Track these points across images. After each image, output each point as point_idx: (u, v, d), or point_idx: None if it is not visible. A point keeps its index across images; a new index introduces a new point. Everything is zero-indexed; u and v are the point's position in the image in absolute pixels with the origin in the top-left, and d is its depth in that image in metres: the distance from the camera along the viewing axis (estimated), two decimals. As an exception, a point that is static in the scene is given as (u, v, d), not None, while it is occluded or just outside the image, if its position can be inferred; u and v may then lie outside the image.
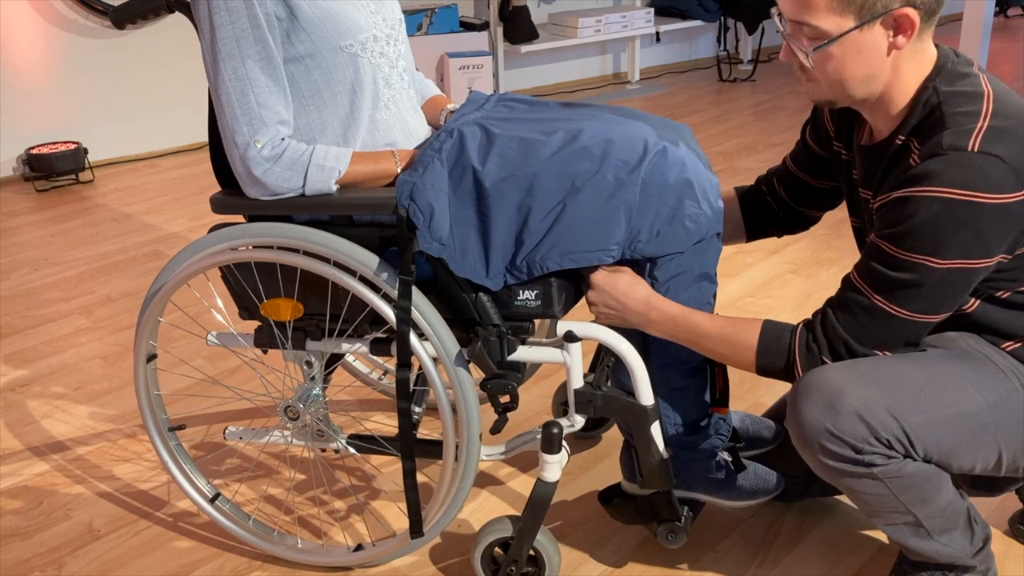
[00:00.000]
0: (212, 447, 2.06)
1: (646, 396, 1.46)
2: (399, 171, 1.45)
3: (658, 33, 5.66)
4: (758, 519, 1.76)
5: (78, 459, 2.04)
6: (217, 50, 1.37)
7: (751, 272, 2.87)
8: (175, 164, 4.24)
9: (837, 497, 1.80)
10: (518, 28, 4.81)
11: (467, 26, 4.68)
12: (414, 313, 1.43)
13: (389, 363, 2.21)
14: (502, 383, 1.45)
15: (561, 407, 2.00)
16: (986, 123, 1.24)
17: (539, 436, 1.50)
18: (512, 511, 1.82)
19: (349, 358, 2.15)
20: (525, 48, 4.84)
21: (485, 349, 1.44)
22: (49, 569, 1.71)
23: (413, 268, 1.40)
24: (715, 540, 1.71)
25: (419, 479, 1.91)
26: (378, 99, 1.49)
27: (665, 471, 1.50)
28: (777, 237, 1.71)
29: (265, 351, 1.62)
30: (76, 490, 1.93)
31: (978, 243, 1.24)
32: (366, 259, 1.43)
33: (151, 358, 1.62)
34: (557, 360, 1.47)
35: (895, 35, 1.26)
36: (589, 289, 1.47)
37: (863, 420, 1.28)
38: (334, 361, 1.74)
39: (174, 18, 4.23)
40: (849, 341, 1.32)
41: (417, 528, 1.53)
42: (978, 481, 1.58)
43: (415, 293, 1.44)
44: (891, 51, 1.28)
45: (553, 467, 1.48)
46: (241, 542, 1.75)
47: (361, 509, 1.85)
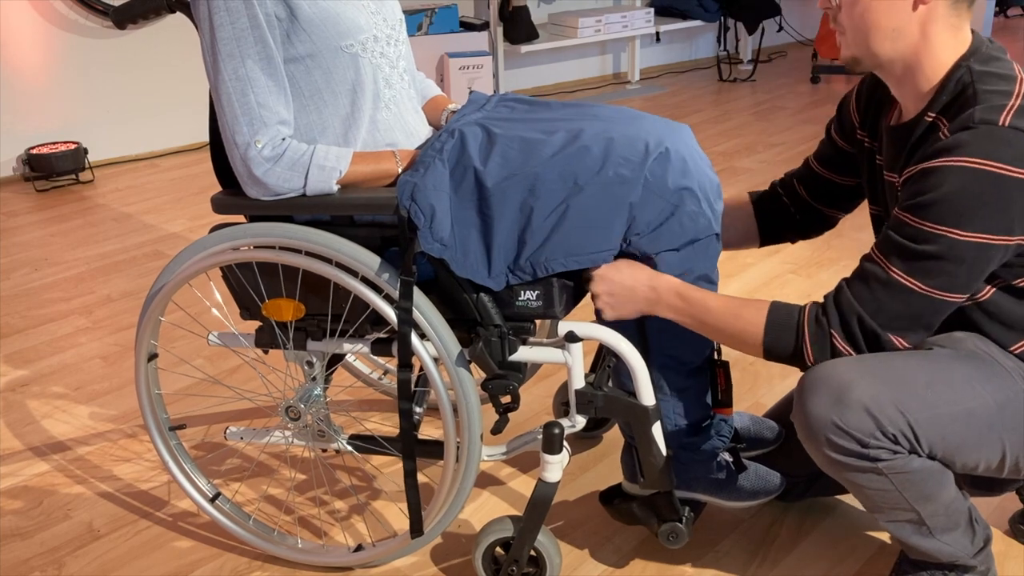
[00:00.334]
0: (212, 447, 2.06)
1: (647, 396, 1.46)
2: (400, 171, 1.45)
3: (658, 33, 5.66)
4: (758, 519, 1.76)
5: (78, 459, 2.04)
6: (217, 50, 1.37)
7: (751, 272, 2.87)
8: (175, 164, 4.24)
9: (837, 497, 1.80)
10: (518, 28, 4.81)
11: (467, 26, 4.68)
12: (415, 313, 1.43)
13: (390, 363, 2.21)
14: (503, 383, 1.45)
15: (562, 407, 2.00)
16: (1018, 101, 1.25)
17: (540, 436, 1.49)
18: (513, 511, 1.82)
19: (350, 358, 2.15)
20: (525, 48, 4.84)
21: (486, 349, 1.44)
22: (49, 569, 1.71)
23: (414, 268, 1.40)
24: (715, 540, 1.71)
25: (420, 479, 1.91)
26: (379, 99, 1.49)
27: (666, 471, 1.50)
28: (791, 243, 1.70)
29: (266, 351, 1.62)
30: (76, 490, 1.93)
31: (1002, 218, 1.23)
32: (367, 259, 1.43)
33: (152, 357, 1.62)
34: (558, 360, 1.47)
35: None
36: (591, 283, 1.45)
37: (870, 414, 1.28)
38: (335, 361, 1.74)
39: (174, 18, 4.22)
40: (863, 316, 1.30)
41: (417, 528, 1.53)
42: (979, 481, 1.58)
43: (416, 293, 1.44)
44: (917, 5, 1.28)
45: (554, 467, 1.48)
46: (241, 542, 1.75)
47: (361, 509, 1.85)
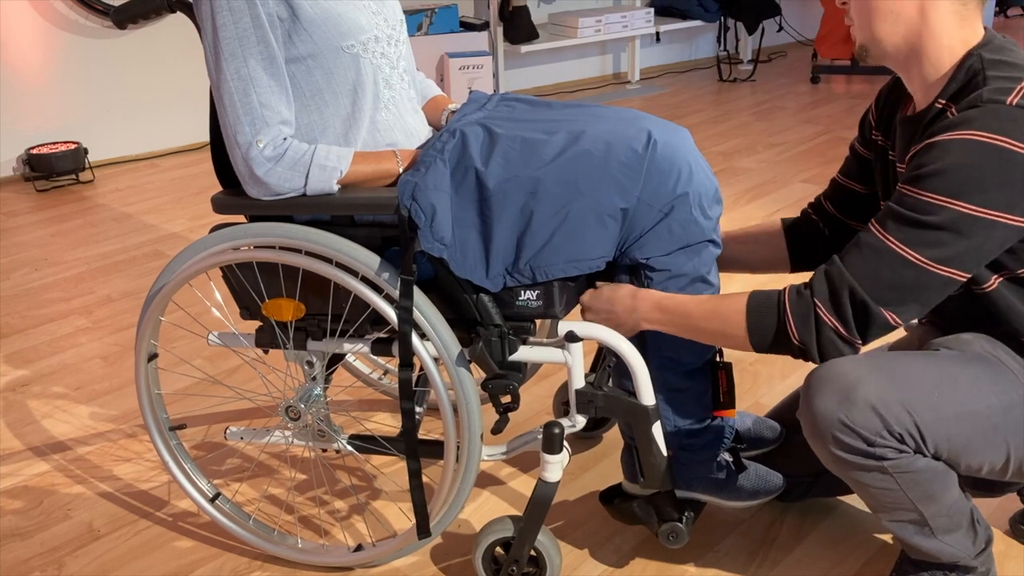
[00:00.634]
0: (212, 447, 2.06)
1: (647, 396, 1.46)
2: (401, 171, 1.45)
3: (658, 33, 5.66)
4: (758, 519, 1.76)
5: (78, 459, 2.04)
6: (220, 50, 1.37)
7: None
8: (175, 164, 4.24)
9: (838, 498, 1.80)
10: (518, 28, 4.81)
11: (467, 26, 4.69)
12: (415, 313, 1.43)
13: (390, 363, 2.21)
14: (503, 383, 1.45)
15: (562, 407, 2.00)
16: None
17: (540, 436, 1.50)
18: (513, 511, 1.82)
19: (350, 358, 2.15)
20: (525, 48, 4.84)
21: (486, 349, 1.44)
22: (49, 569, 1.71)
23: (414, 268, 1.40)
24: (715, 540, 1.71)
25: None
26: (379, 100, 1.49)
27: (666, 471, 1.50)
28: None
29: (266, 351, 1.62)
30: (76, 490, 1.93)
31: (1004, 194, 1.22)
32: (368, 259, 1.43)
33: (152, 357, 1.62)
34: (558, 360, 1.48)
35: None
36: (582, 314, 1.51)
37: (877, 413, 1.28)
38: (335, 361, 1.74)
39: (175, 18, 4.23)
40: (854, 286, 1.27)
41: (424, 528, 1.52)
42: (980, 482, 1.58)
43: (416, 293, 1.44)
44: None
45: (554, 467, 1.48)
46: (241, 542, 1.75)
47: (362, 509, 1.85)
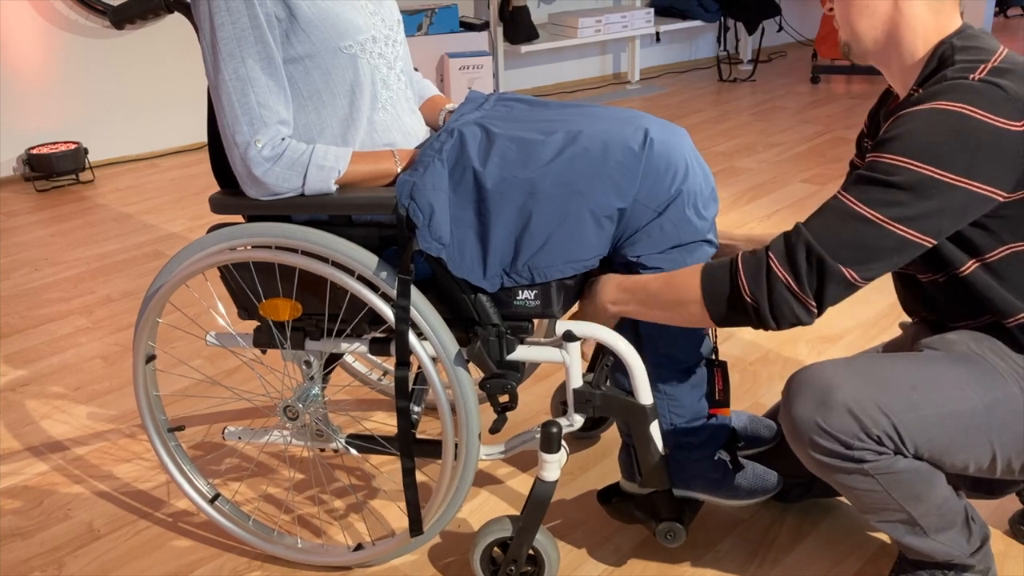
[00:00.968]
0: (211, 447, 2.06)
1: (645, 395, 1.46)
2: (399, 171, 1.46)
3: (658, 33, 5.66)
4: (758, 519, 1.76)
5: (78, 459, 2.04)
6: (218, 50, 1.38)
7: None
8: (175, 164, 4.25)
9: (838, 498, 1.80)
10: (518, 28, 4.82)
11: (467, 26, 4.69)
12: (413, 312, 1.43)
13: (389, 363, 2.21)
14: (501, 383, 1.46)
15: (560, 406, 2.00)
16: (992, 64, 1.28)
17: (538, 435, 1.50)
18: (513, 511, 1.82)
19: (348, 359, 2.15)
20: (525, 48, 4.84)
21: (484, 349, 1.45)
22: (49, 569, 1.71)
23: (412, 267, 1.40)
24: (715, 540, 1.72)
25: (419, 478, 1.91)
26: (376, 100, 1.49)
27: (663, 470, 1.50)
28: None
29: (264, 351, 1.62)
30: (76, 490, 1.94)
31: (962, 158, 1.22)
32: (364, 258, 1.43)
33: (150, 359, 1.62)
34: (556, 360, 1.48)
35: None
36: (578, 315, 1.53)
37: (853, 416, 1.28)
38: (333, 361, 1.74)
39: (174, 18, 4.23)
40: (811, 242, 1.26)
41: (417, 527, 1.53)
42: (978, 484, 1.58)
43: (414, 292, 1.44)
44: None
45: (552, 466, 1.48)
46: (241, 542, 1.76)
47: (361, 508, 1.85)
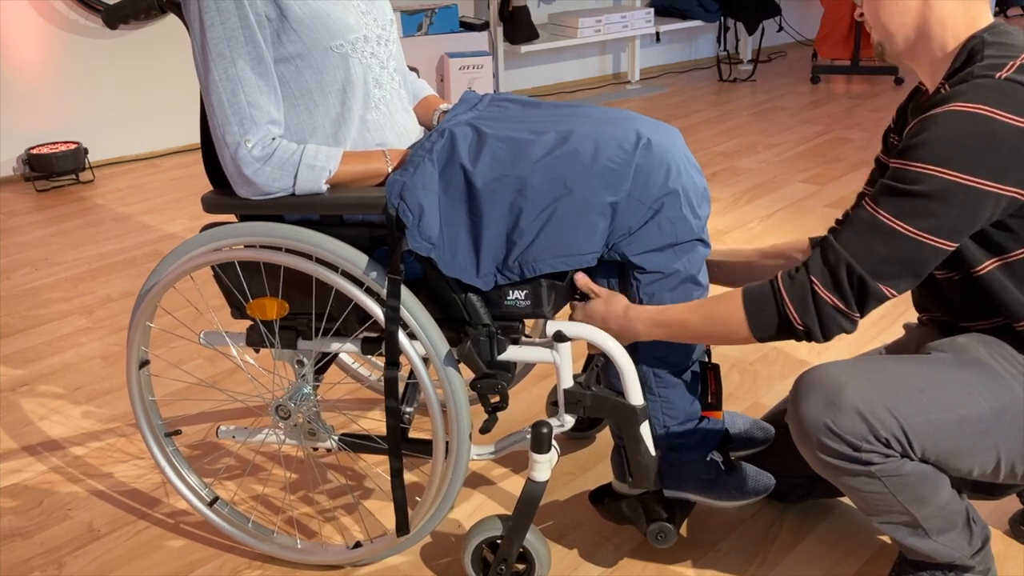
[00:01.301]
0: (208, 449, 2.07)
1: (635, 396, 1.46)
2: (390, 171, 1.46)
3: (658, 33, 5.66)
4: (758, 519, 1.76)
5: (78, 459, 2.04)
6: (207, 50, 1.38)
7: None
8: (175, 164, 4.25)
9: (838, 498, 1.79)
10: (518, 28, 4.82)
11: (467, 26, 4.69)
12: (403, 312, 1.43)
13: (381, 363, 2.21)
14: (492, 383, 1.46)
15: (552, 407, 2.01)
16: (1020, 62, 1.26)
17: (529, 436, 1.50)
18: (508, 511, 1.82)
19: (345, 357, 2.16)
20: (525, 48, 4.84)
21: (475, 349, 1.45)
22: (49, 569, 1.72)
23: (402, 267, 1.41)
24: (715, 540, 1.71)
25: (413, 478, 1.92)
26: (368, 99, 1.49)
27: (654, 471, 1.50)
28: None
29: (258, 350, 1.63)
30: (76, 490, 1.94)
31: (990, 162, 1.23)
32: (352, 256, 1.43)
33: (143, 364, 1.62)
34: (547, 360, 1.48)
35: None
36: (572, 315, 1.50)
37: (863, 418, 1.28)
38: (326, 360, 1.74)
39: (173, 18, 4.24)
40: (851, 261, 1.28)
41: (403, 526, 1.53)
42: (978, 485, 1.57)
43: (404, 292, 1.44)
44: None
45: (543, 467, 1.48)
46: (241, 543, 1.76)
47: (358, 507, 1.85)
